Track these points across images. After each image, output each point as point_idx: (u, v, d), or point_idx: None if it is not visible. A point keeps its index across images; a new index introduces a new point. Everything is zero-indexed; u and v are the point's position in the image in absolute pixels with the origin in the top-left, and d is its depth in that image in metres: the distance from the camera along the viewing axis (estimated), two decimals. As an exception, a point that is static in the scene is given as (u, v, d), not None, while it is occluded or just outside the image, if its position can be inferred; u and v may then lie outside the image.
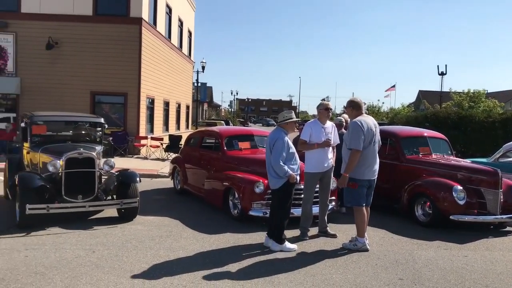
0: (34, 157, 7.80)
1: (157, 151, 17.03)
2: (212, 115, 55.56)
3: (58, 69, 16.72)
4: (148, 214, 7.82)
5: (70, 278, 4.72)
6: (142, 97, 17.09)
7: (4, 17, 16.48)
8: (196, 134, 10.52)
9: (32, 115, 8.22)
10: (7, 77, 16.09)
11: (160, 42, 19.63)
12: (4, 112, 17.80)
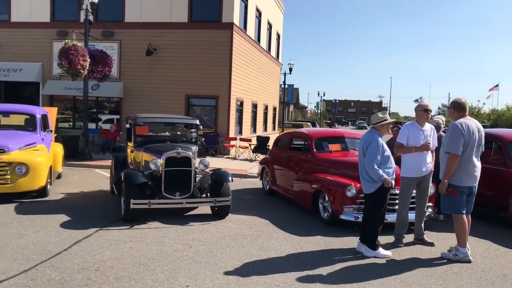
0: (137, 156, 8.40)
1: (246, 151, 17.44)
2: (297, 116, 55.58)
3: (156, 74, 17.86)
4: (239, 213, 8.03)
5: (170, 271, 5.01)
6: (232, 100, 17.62)
7: (110, 27, 18.00)
8: (285, 136, 10.59)
9: (136, 117, 8.85)
10: (112, 82, 17.54)
11: (249, 45, 20.10)
12: (108, 114, 19.44)
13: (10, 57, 18.82)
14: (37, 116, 9.91)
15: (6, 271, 4.77)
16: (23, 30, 18.75)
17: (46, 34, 18.52)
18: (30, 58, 18.71)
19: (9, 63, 18.78)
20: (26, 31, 18.73)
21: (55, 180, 10.37)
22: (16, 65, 18.73)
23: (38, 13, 18.56)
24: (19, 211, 7.63)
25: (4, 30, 18.93)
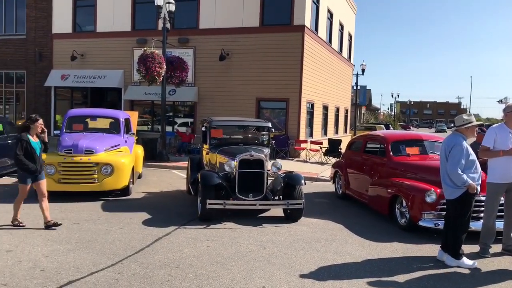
0: (212, 158, 8.66)
1: (317, 154, 17.29)
2: (370, 118, 54.08)
3: (228, 78, 18.30)
4: (312, 216, 7.98)
5: (246, 271, 5.10)
6: (302, 102, 17.57)
7: (186, 34, 18.74)
8: (359, 139, 10.36)
9: (211, 120, 9.13)
10: (187, 87, 18.24)
11: (321, 47, 19.93)
12: (183, 117, 20.23)
13: (95, 65, 20.26)
14: (120, 119, 10.56)
15: (96, 264, 5.13)
16: (106, 40, 20.11)
17: (127, 43, 19.71)
18: (113, 65, 20.00)
19: (95, 70, 20.21)
20: (110, 40, 20.06)
21: (136, 180, 10.97)
22: (101, 72, 20.11)
23: (120, 23, 19.80)
24: (105, 208, 8.18)
25: (90, 40, 20.42)
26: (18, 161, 6.40)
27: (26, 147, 6.41)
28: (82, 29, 20.92)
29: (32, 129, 6.56)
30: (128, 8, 19.65)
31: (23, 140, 6.43)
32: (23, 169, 6.42)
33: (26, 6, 21.51)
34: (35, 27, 21.39)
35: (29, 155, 6.42)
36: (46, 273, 4.79)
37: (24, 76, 21.96)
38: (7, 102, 22.83)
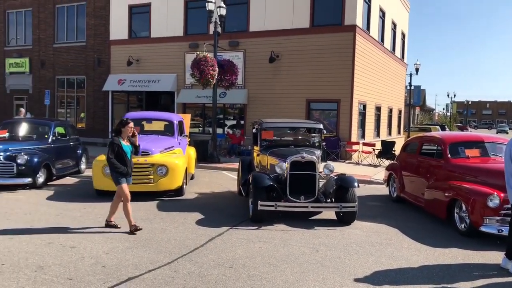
0: (263, 159, 8.70)
1: (369, 156, 16.91)
2: (424, 119, 52.18)
3: (278, 80, 18.32)
4: (365, 220, 7.81)
5: (299, 273, 5.07)
6: (354, 103, 17.26)
7: (236, 37, 18.98)
8: (414, 140, 10.02)
9: (262, 122, 9.18)
10: (237, 89, 18.45)
11: (373, 47, 19.50)
12: (233, 119, 20.47)
13: (150, 70, 20.98)
14: (174, 122, 10.86)
15: (153, 262, 5.30)
16: (160, 45, 20.76)
17: (180, 47, 20.25)
18: (167, 69, 20.61)
19: (149, 75, 20.93)
20: (163, 45, 20.69)
21: (189, 181, 11.22)
22: (155, 77, 20.79)
23: (173, 29, 20.38)
24: (160, 208, 8.43)
25: (145, 45, 21.17)
26: (110, 164, 6.55)
27: (118, 150, 6.53)
28: (137, 35, 21.72)
29: (123, 132, 6.64)
30: (181, 13, 20.18)
31: (114, 143, 6.56)
32: (117, 172, 6.54)
33: (86, 14, 22.66)
34: (94, 35, 22.47)
35: (121, 158, 6.54)
36: (107, 269, 5.00)
37: (84, 81, 23.13)
38: (68, 106, 24.14)
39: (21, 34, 25.04)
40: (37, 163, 10.09)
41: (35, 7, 24.05)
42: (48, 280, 4.62)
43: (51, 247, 5.74)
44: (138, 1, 21.21)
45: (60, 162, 11.46)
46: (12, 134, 11.43)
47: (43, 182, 10.36)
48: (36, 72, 24.23)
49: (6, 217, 7.36)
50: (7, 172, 9.86)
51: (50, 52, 23.76)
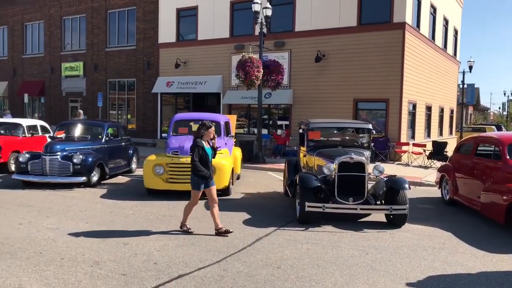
0: (310, 160, 8.62)
1: (419, 158, 16.37)
2: (478, 119, 49.87)
3: (324, 79, 18.12)
4: (416, 223, 7.56)
5: (348, 276, 4.98)
6: (403, 103, 16.76)
7: (281, 37, 18.96)
8: (469, 141, 9.58)
9: (309, 122, 9.11)
10: (283, 90, 18.41)
11: (423, 44, 18.87)
12: (278, 120, 20.44)
13: (197, 72, 21.37)
14: (221, 123, 10.99)
15: (203, 260, 5.38)
16: (207, 47, 21.10)
17: (225, 49, 20.49)
18: (213, 71, 20.92)
19: (196, 77, 21.32)
20: (210, 47, 21.02)
21: (235, 181, 11.31)
22: (202, 79, 21.15)
23: (219, 31, 20.65)
24: (208, 207, 8.52)
25: (192, 48, 21.60)
26: (194, 167, 6.41)
27: (201, 153, 6.40)
28: (185, 38, 22.19)
29: (205, 135, 6.51)
30: (227, 15, 20.42)
31: (199, 146, 6.40)
32: (198, 175, 6.42)
33: (136, 19, 23.42)
34: (143, 38, 23.19)
35: (203, 161, 6.44)
36: (159, 266, 5.13)
37: (134, 84, 23.91)
38: (119, 107, 25.05)
39: (75, 39, 26.26)
40: (91, 162, 10.52)
41: (89, 13, 25.14)
42: (104, 275, 4.80)
43: (106, 243, 5.96)
44: (185, 5, 21.67)
45: (113, 161, 11.90)
46: (68, 134, 12.00)
47: (96, 181, 10.78)
48: (89, 75, 25.32)
49: (64, 213, 7.73)
50: (64, 171, 10.35)
51: (103, 56, 24.75)
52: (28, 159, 10.41)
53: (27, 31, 28.61)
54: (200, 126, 6.63)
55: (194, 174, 6.51)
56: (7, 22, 29.21)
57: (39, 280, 4.62)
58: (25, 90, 26.70)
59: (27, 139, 13.43)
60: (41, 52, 27.60)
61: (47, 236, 6.23)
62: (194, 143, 6.51)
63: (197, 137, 6.56)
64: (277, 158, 16.93)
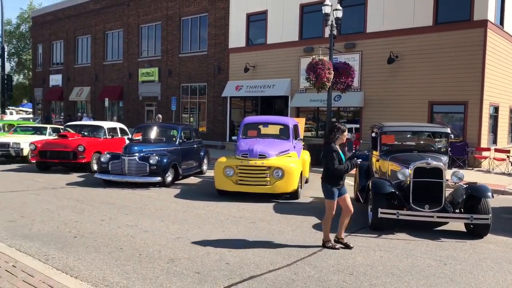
0: (383, 165, 8.35)
1: (502, 164, 15.24)
2: None
3: (397, 81, 17.49)
4: (500, 234, 7.05)
5: (425, 286, 4.75)
6: (484, 105, 15.71)
7: (352, 39, 18.59)
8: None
9: (382, 125, 8.83)
10: (353, 92, 18.02)
11: (507, 43, 17.57)
12: (347, 123, 20.03)
13: (265, 75, 21.57)
14: (290, 126, 10.99)
15: (274, 263, 5.40)
16: (276, 51, 21.23)
17: (294, 52, 20.48)
18: (281, 74, 20.99)
19: (264, 80, 21.52)
20: (278, 51, 21.13)
21: (304, 185, 11.24)
22: (270, 82, 21.31)
23: (288, 34, 20.70)
24: (277, 210, 8.57)
25: (261, 52, 21.83)
26: (338, 172, 5.94)
27: (339, 158, 5.97)
28: (254, 42, 22.50)
29: (339, 139, 6.08)
30: (296, 19, 20.41)
31: (336, 151, 5.96)
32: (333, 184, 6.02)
33: (208, 25, 24.15)
34: (214, 44, 23.85)
35: None
36: (231, 266, 5.22)
37: (205, 88, 24.65)
38: (191, 111, 25.95)
39: (151, 46, 27.62)
40: (166, 163, 10.98)
41: (164, 21, 26.33)
42: (179, 272, 4.97)
43: (180, 242, 6.18)
44: (255, 10, 21.98)
45: (185, 163, 12.33)
46: (145, 137, 12.63)
47: (171, 181, 11.23)
48: (164, 80, 26.49)
49: (141, 211, 8.13)
50: (141, 171, 10.89)
51: (176, 61, 25.80)
52: (109, 159, 11.09)
53: (107, 39, 30.58)
54: (333, 129, 6.13)
55: (329, 183, 6.02)
56: (90, 31, 31.43)
57: (120, 274, 4.89)
58: (106, 95, 28.54)
59: (107, 141, 14.32)
60: (120, 59, 29.36)
61: (126, 233, 6.58)
62: (329, 148, 5.96)
63: (329, 141, 6.04)
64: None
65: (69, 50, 33.46)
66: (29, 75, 52.83)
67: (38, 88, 37.07)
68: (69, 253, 5.53)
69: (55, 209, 8.12)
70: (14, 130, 17.15)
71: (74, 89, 32.56)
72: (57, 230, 6.63)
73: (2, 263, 4.93)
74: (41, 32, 36.42)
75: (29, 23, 48.16)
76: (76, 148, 12.97)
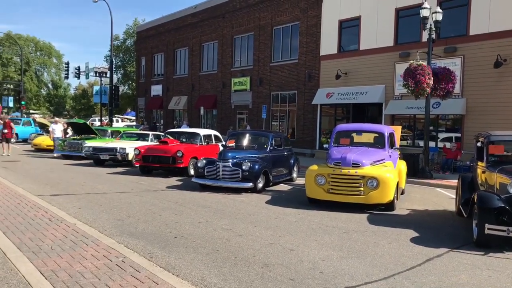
0: (490, 177, 7.69)
1: None
2: None
3: (505, 87, 16.06)
4: None
5: (544, 314, 4.27)
6: None
7: (453, 43, 17.48)
8: None
9: (489, 134, 8.17)
10: (454, 99, 16.88)
11: None
12: (446, 132, 18.80)
13: (357, 82, 21.10)
14: (385, 134, 10.60)
15: (369, 275, 5.22)
16: (369, 57, 20.69)
17: (389, 58, 19.78)
18: (374, 81, 20.38)
19: (357, 87, 21.06)
20: (372, 57, 20.56)
21: (400, 196, 10.75)
22: (363, 89, 20.79)
23: (382, 40, 20.06)
24: (371, 221, 8.30)
25: (353, 58, 21.42)
26: None
27: None
28: (346, 49, 22.16)
29: None
30: (391, 23, 19.74)
31: None
32: None
33: (299, 34, 24.30)
34: (305, 52, 23.91)
35: None
36: (325, 276, 5.16)
37: (295, 96, 24.78)
38: (280, 119, 26.23)
39: (244, 56, 28.49)
40: (258, 170, 11.20)
41: (256, 31, 27.03)
42: (273, 278, 5.02)
43: (273, 248, 6.24)
44: (348, 16, 21.67)
45: (276, 170, 12.46)
46: (238, 143, 13.01)
47: (262, 187, 11.42)
48: (255, 89, 27.14)
49: (235, 216, 8.37)
50: (234, 177, 11.22)
51: (267, 70, 26.30)
52: (205, 164, 11.59)
53: (203, 51, 32.17)
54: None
55: None
56: (188, 44, 33.32)
57: (217, 275, 5.07)
58: (201, 104, 29.98)
59: (203, 147, 15.01)
60: (215, 69, 30.68)
61: (222, 236, 6.82)
62: None
63: None
64: (446, 174, 15.58)
65: (168, 62, 35.76)
66: (133, 85, 57.45)
67: (141, 98, 40.09)
68: (171, 252, 5.86)
69: (157, 210, 8.68)
70: (121, 137, 18.73)
71: (172, 99, 34.68)
72: (159, 230, 7.07)
73: (113, 258, 5.37)
74: (144, 46, 39.42)
75: (133, 38, 52.43)
76: (175, 153, 13.77)
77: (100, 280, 4.63)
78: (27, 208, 8.04)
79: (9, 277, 4.70)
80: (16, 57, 69.80)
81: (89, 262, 5.18)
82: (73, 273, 4.82)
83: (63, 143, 19.20)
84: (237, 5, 28.65)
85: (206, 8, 31.59)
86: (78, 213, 8.07)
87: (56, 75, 79.94)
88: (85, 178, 13.18)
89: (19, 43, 63.84)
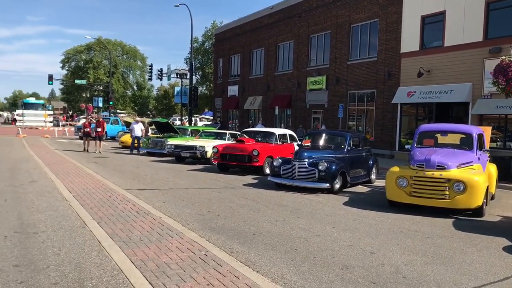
0: None
1: None
2: None
3: None
4: None
5: None
6: None
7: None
8: None
9: None
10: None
11: None
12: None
13: (441, 80, 19.95)
14: (473, 135, 9.94)
15: (457, 283, 4.94)
16: (454, 53, 19.47)
17: (477, 54, 18.47)
18: (460, 79, 19.14)
19: (441, 85, 19.92)
20: (457, 53, 19.33)
21: (489, 201, 10.03)
22: (447, 87, 19.62)
23: (470, 35, 18.78)
24: (457, 227, 7.83)
25: (437, 55, 20.28)
26: None
27: None
28: (429, 45, 21.04)
29: None
30: (480, 17, 18.42)
31: None
32: None
33: (378, 31, 23.54)
34: (385, 49, 23.09)
35: None
36: (408, 281, 4.96)
37: (373, 95, 24.05)
38: (357, 118, 25.60)
39: (320, 55, 28.20)
40: (335, 170, 11.03)
41: (333, 29, 26.63)
42: (354, 280, 4.93)
43: (353, 249, 6.12)
44: (431, 11, 20.58)
45: (353, 171, 12.19)
46: (314, 143, 12.91)
47: (338, 188, 11.23)
48: (331, 88, 26.75)
49: (311, 216, 8.32)
50: (310, 177, 11.15)
51: (344, 69, 25.81)
52: (281, 163, 11.65)
53: (279, 51, 32.33)
54: None
55: None
56: (264, 44, 33.69)
57: (296, 273, 5.08)
58: (276, 103, 30.18)
59: (278, 146, 15.10)
60: (290, 69, 30.72)
61: (299, 235, 6.81)
62: None
63: None
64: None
65: (244, 62, 36.44)
66: (210, 86, 59.37)
67: (218, 98, 41.28)
68: (250, 249, 5.97)
69: (235, 207, 8.89)
70: (200, 135, 19.44)
71: (248, 99, 35.29)
72: (238, 226, 7.24)
73: (196, 251, 5.60)
74: (221, 47, 40.53)
75: (212, 40, 54.12)
76: (251, 152, 14.00)
77: (185, 272, 4.85)
78: (117, 201, 8.64)
79: (104, 264, 5.09)
80: (105, 60, 75.26)
81: (174, 254, 5.45)
82: (160, 263, 5.10)
83: (147, 141, 20.38)
84: (313, 4, 28.44)
85: (282, 8, 31.72)
86: (162, 207, 8.51)
87: (141, 76, 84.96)
88: (167, 174, 13.86)
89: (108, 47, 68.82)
